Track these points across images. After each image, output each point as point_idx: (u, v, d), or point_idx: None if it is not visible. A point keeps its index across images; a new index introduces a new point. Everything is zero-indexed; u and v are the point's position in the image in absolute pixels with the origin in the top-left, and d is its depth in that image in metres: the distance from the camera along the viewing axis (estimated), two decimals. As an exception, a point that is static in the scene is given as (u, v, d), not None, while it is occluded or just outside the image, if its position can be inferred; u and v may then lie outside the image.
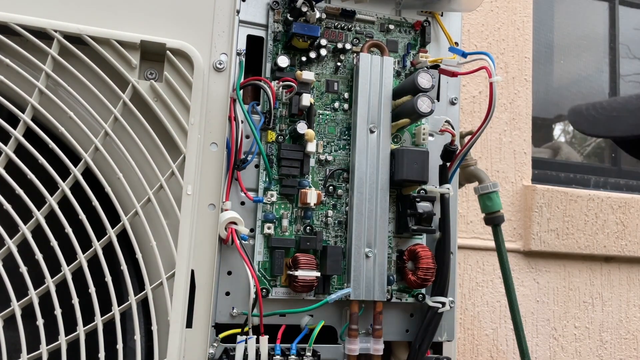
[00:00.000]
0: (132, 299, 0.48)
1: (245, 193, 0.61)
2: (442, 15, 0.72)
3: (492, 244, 0.73)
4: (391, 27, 0.70)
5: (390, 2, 0.70)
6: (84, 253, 0.48)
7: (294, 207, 0.64)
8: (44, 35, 0.49)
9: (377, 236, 0.63)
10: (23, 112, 0.48)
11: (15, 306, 0.46)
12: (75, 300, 0.47)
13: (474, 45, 1.48)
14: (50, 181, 0.48)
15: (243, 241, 0.59)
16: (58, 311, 0.46)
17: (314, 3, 0.62)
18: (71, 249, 0.47)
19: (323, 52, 0.66)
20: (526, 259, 1.49)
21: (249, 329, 0.58)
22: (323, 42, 0.65)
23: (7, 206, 0.47)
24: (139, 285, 0.49)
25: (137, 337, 0.47)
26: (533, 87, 1.57)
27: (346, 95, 0.67)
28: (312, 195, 0.62)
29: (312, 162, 0.65)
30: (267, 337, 0.57)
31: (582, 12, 1.88)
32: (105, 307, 0.47)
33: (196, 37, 0.53)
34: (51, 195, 0.48)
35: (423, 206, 0.64)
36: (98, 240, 0.48)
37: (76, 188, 0.48)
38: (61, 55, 0.49)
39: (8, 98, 0.48)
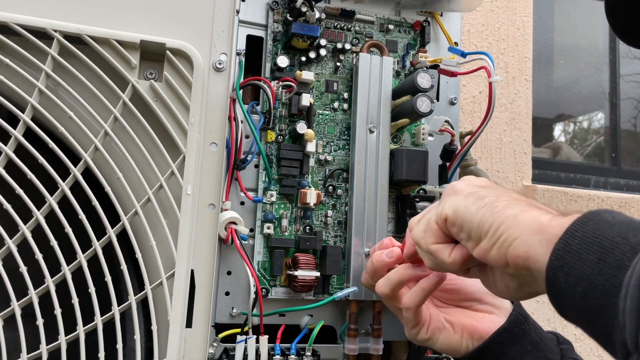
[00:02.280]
0: (132, 299, 0.48)
1: (245, 193, 0.61)
2: (441, 15, 0.72)
3: (491, 243, 0.73)
4: (391, 27, 0.70)
5: (390, 2, 0.70)
6: (83, 253, 0.48)
7: (293, 207, 0.64)
8: (44, 35, 0.49)
9: (377, 236, 0.63)
10: (23, 112, 0.48)
11: (15, 306, 0.46)
12: (75, 300, 0.47)
13: (474, 45, 1.48)
14: (50, 181, 0.48)
15: (243, 241, 0.59)
16: (58, 311, 0.46)
17: (313, 3, 0.62)
18: (71, 248, 0.47)
19: (322, 52, 0.66)
20: (526, 259, 1.49)
21: (249, 328, 0.58)
22: (322, 42, 0.66)
23: (7, 206, 0.47)
24: (139, 285, 0.49)
25: (137, 336, 0.48)
26: (533, 87, 1.57)
27: (346, 95, 0.67)
28: (311, 195, 0.62)
29: (312, 162, 0.65)
30: (267, 337, 0.57)
31: (582, 12, 1.88)
32: (105, 307, 0.47)
33: (196, 37, 0.53)
34: (51, 195, 0.48)
35: (422, 206, 0.64)
36: (98, 240, 0.48)
37: (76, 188, 0.48)
38: (61, 55, 0.49)
39: (8, 98, 0.48)
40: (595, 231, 0.34)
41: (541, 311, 1.50)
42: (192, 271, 0.50)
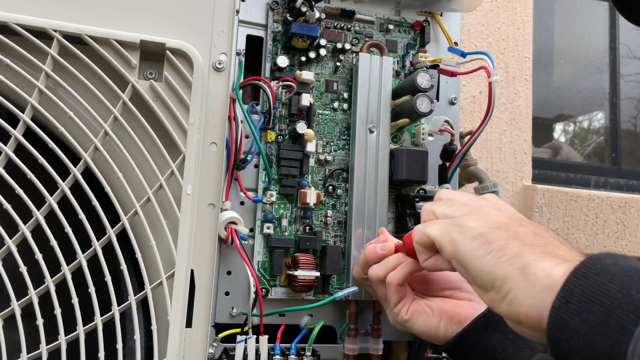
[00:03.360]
0: (132, 299, 0.48)
1: (244, 193, 0.61)
2: (441, 15, 0.72)
3: (491, 243, 0.73)
4: (390, 27, 0.70)
5: (390, 2, 0.70)
6: (83, 253, 0.48)
7: (293, 207, 0.64)
8: (43, 35, 0.49)
9: (377, 236, 0.63)
10: (23, 112, 0.48)
11: (15, 306, 0.46)
12: (75, 300, 0.47)
13: (474, 45, 1.48)
14: (50, 181, 0.48)
15: (243, 241, 0.59)
16: (58, 311, 0.46)
17: (313, 3, 0.62)
18: (71, 248, 0.47)
19: (322, 52, 0.66)
20: (526, 259, 1.49)
21: (249, 328, 0.58)
22: (322, 42, 0.66)
23: (7, 206, 0.47)
24: (139, 285, 0.49)
25: (137, 336, 0.48)
26: (533, 87, 1.57)
27: (345, 95, 0.67)
28: (311, 195, 0.62)
29: (312, 162, 0.65)
30: (266, 337, 0.57)
31: (582, 11, 1.87)
32: (105, 307, 0.47)
33: (196, 37, 0.53)
34: (51, 195, 0.48)
35: (422, 206, 0.64)
36: (98, 240, 0.48)
37: (76, 188, 0.48)
38: (61, 55, 0.49)
39: (8, 98, 0.48)
40: (595, 285, 0.32)
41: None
42: (192, 271, 0.50)
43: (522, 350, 0.50)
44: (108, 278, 0.47)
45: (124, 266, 0.48)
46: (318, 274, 0.61)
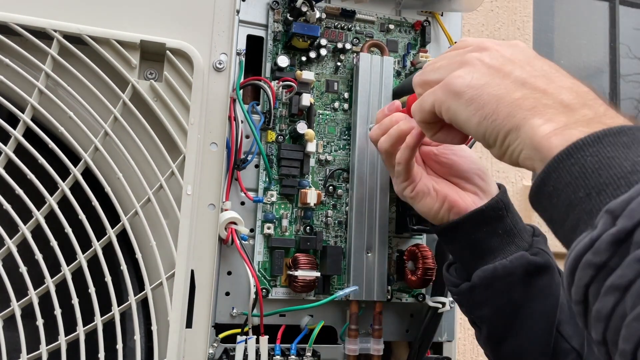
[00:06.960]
0: (132, 299, 0.48)
1: (245, 193, 0.61)
2: (442, 15, 0.72)
3: (492, 244, 0.73)
4: (391, 27, 0.70)
5: (390, 2, 0.70)
6: (83, 253, 0.47)
7: (294, 207, 0.64)
8: (43, 35, 0.48)
9: (377, 236, 0.63)
10: (23, 112, 0.48)
11: (15, 306, 0.46)
12: (75, 300, 0.47)
13: (474, 45, 1.48)
14: (50, 181, 0.48)
15: (243, 241, 0.59)
16: (58, 311, 0.46)
17: (314, 3, 0.62)
18: (71, 249, 0.47)
19: (323, 52, 0.66)
20: (526, 259, 1.49)
21: (249, 329, 0.58)
22: (323, 42, 0.65)
23: (7, 206, 0.47)
24: (139, 285, 0.49)
25: (137, 337, 0.47)
26: (533, 87, 1.57)
27: (346, 95, 0.67)
28: (312, 195, 0.62)
29: (312, 162, 0.65)
30: (267, 337, 0.57)
31: (582, 12, 1.88)
32: (105, 307, 0.47)
33: (196, 37, 0.53)
34: (51, 195, 0.47)
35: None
36: (98, 240, 0.48)
37: (76, 188, 0.48)
38: (61, 55, 0.49)
39: (8, 98, 0.48)
40: (568, 179, 0.35)
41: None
42: (192, 271, 0.50)
43: (507, 245, 0.52)
44: (108, 278, 0.47)
45: (124, 266, 0.48)
46: (318, 274, 0.61)
